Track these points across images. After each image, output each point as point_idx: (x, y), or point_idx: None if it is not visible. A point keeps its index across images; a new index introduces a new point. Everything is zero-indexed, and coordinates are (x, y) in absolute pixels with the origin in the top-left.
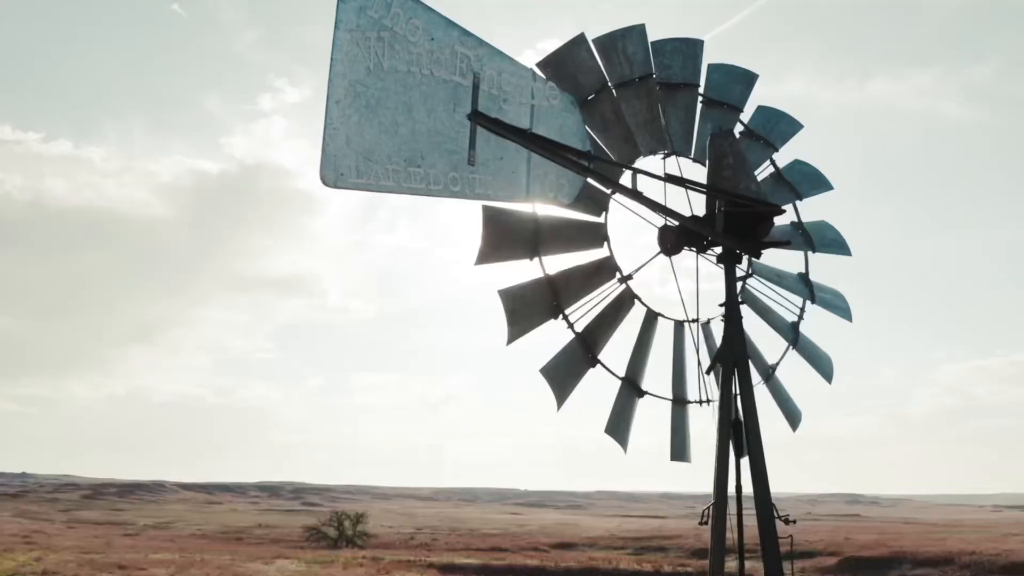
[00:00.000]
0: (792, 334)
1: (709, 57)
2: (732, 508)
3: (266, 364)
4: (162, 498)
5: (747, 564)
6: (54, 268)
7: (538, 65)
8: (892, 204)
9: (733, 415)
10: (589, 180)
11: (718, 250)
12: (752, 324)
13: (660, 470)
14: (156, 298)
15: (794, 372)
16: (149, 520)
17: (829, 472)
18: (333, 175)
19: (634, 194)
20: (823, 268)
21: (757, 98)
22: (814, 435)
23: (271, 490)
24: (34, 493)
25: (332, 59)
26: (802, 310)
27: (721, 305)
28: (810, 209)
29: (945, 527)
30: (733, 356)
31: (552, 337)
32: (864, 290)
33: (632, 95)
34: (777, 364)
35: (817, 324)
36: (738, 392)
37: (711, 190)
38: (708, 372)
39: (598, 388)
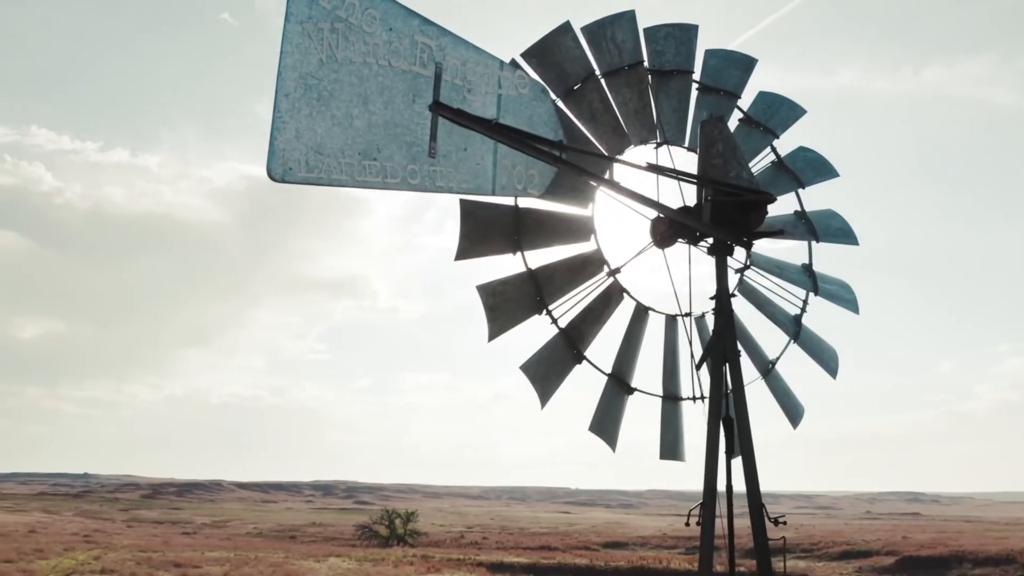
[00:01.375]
0: (794, 327)
1: (759, 50)
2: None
3: (318, 365)
4: (219, 497)
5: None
6: (113, 274)
7: (522, 55)
8: (951, 194)
9: (724, 411)
10: (580, 174)
11: (711, 241)
12: (752, 317)
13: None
14: (211, 301)
15: (851, 371)
16: (206, 519)
17: (888, 470)
18: (281, 169)
19: (611, 184)
20: (872, 262)
21: (810, 89)
22: (872, 433)
23: (325, 489)
24: (96, 493)
25: (282, 51)
26: (805, 302)
27: (712, 298)
28: (856, 200)
29: (1007, 526)
30: (723, 350)
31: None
32: (922, 282)
33: (622, 83)
34: (777, 359)
35: (871, 320)
36: (729, 388)
37: (695, 179)
38: (698, 367)
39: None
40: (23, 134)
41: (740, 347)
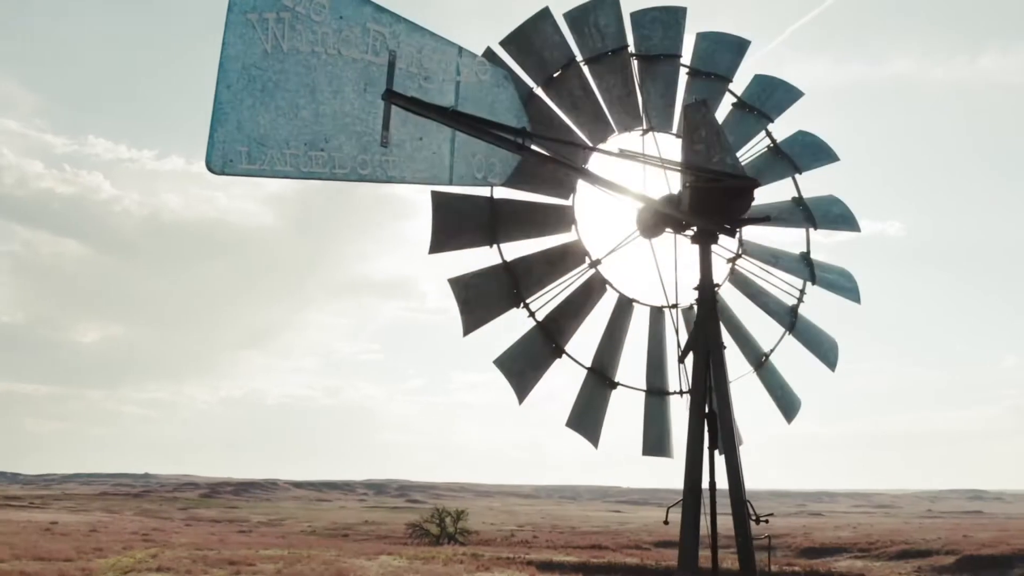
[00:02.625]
0: (790, 318)
1: (810, 40)
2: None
3: (370, 365)
4: (275, 496)
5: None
6: (171, 279)
7: (501, 43)
8: (1008, 185)
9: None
10: (546, 161)
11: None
12: (745, 308)
13: (769, 467)
14: (265, 304)
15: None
16: (262, 517)
17: (949, 467)
18: (220, 161)
19: (581, 172)
20: (923, 255)
21: (862, 79)
22: (932, 429)
23: (377, 488)
24: (155, 492)
25: (224, 42)
26: (802, 292)
27: (696, 288)
28: (911, 192)
29: None
30: (706, 342)
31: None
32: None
33: (605, 70)
34: (771, 351)
35: (925, 315)
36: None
37: (670, 165)
38: (681, 360)
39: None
40: (81, 144)
41: (732, 340)
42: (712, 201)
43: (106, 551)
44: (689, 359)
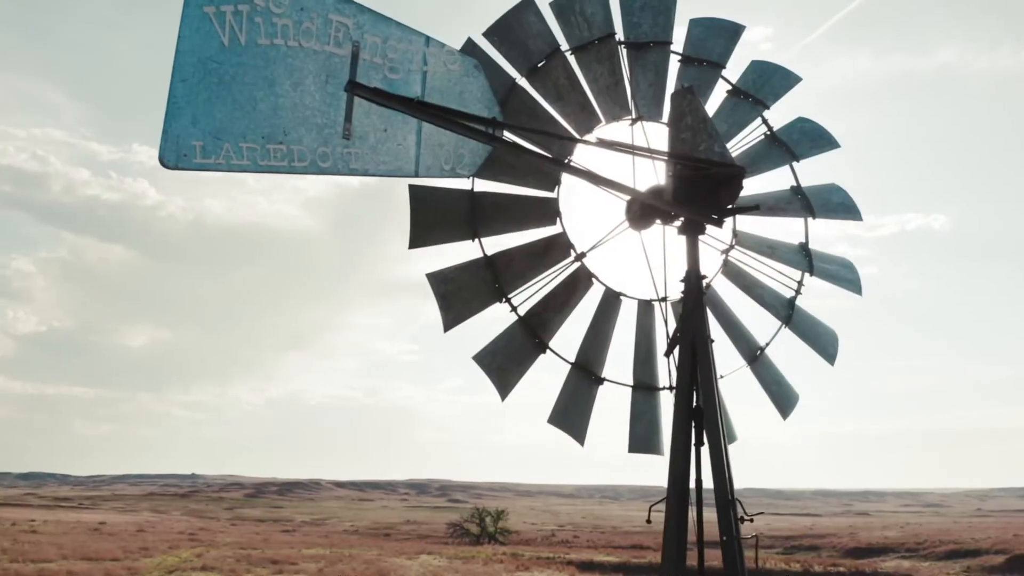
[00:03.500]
0: (786, 310)
1: (852, 32)
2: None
3: (410, 366)
4: (318, 496)
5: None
6: (215, 282)
7: (484, 34)
8: None
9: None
10: (519, 152)
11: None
12: (740, 301)
13: (814, 466)
14: (307, 306)
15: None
16: (306, 517)
17: (1000, 465)
18: (174, 156)
19: (556, 162)
20: (966, 248)
21: (906, 70)
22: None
23: (419, 487)
24: (202, 493)
25: (179, 36)
26: (799, 284)
27: (682, 280)
28: (956, 184)
29: None
30: (692, 335)
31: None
32: None
33: (592, 59)
34: (767, 344)
35: (971, 310)
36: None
37: (653, 154)
38: (667, 354)
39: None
40: (126, 151)
41: (725, 334)
42: (698, 190)
43: (152, 551)
44: (676, 353)
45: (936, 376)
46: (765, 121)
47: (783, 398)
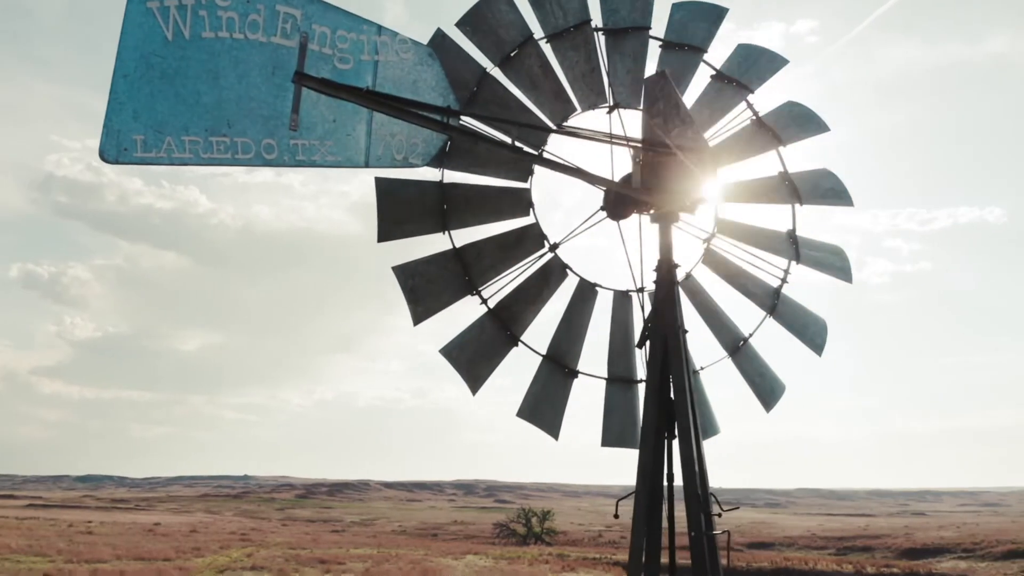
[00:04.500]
0: (771, 300)
1: (902, 21)
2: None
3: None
4: (367, 496)
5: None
6: (264, 287)
7: (456, 24)
8: None
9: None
10: (476, 140)
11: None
12: (724, 292)
13: (868, 465)
14: (354, 309)
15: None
16: (355, 517)
17: None
18: (115, 151)
19: (515, 150)
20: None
21: (957, 60)
22: None
23: (466, 488)
24: (254, 493)
25: (122, 31)
26: (786, 272)
27: (655, 270)
28: (1010, 175)
29: None
30: (663, 326)
31: None
32: None
33: (568, 46)
34: (751, 335)
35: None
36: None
37: (617, 141)
38: (639, 345)
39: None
40: None
41: (706, 324)
42: (671, 177)
43: (204, 551)
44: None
45: (993, 372)
46: (750, 106)
47: (767, 391)
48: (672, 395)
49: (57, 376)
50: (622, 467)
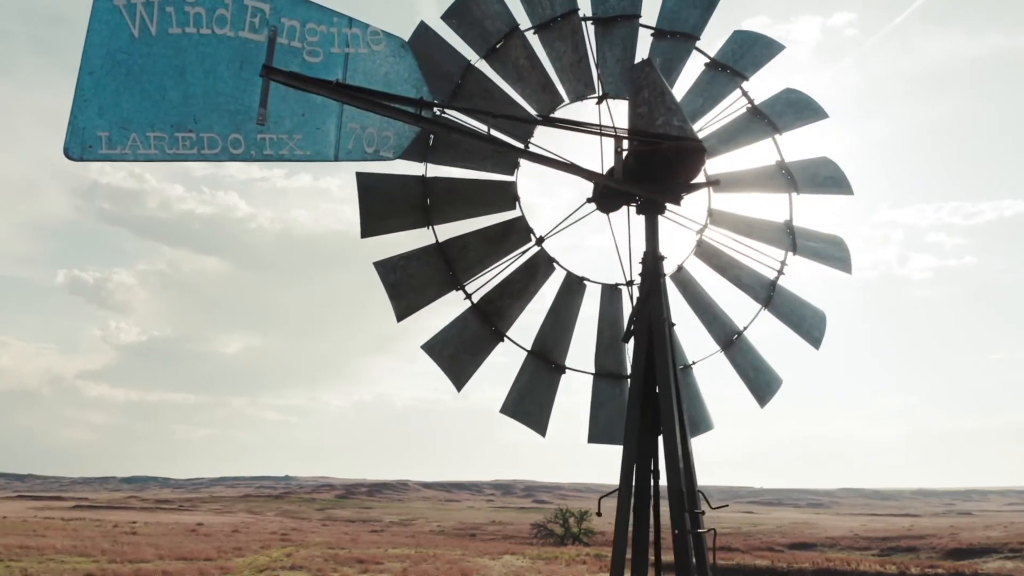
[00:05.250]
0: (766, 292)
1: (942, 13)
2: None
3: (494, 367)
4: (406, 496)
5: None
6: (303, 290)
7: (443, 17)
8: None
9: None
10: (450, 132)
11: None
12: (718, 285)
13: (913, 465)
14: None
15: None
16: (394, 517)
17: None
18: (79, 148)
19: (490, 141)
20: None
21: (1000, 51)
22: None
23: (504, 488)
24: (295, 494)
25: (88, 30)
26: (782, 263)
27: (640, 262)
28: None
29: None
30: (648, 320)
31: None
32: None
33: (555, 37)
34: (745, 328)
35: None
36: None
37: (598, 130)
38: (625, 340)
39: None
40: (217, 166)
41: (698, 317)
42: (655, 168)
43: (245, 551)
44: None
45: None
46: (745, 93)
47: (761, 385)
48: (657, 389)
49: (103, 379)
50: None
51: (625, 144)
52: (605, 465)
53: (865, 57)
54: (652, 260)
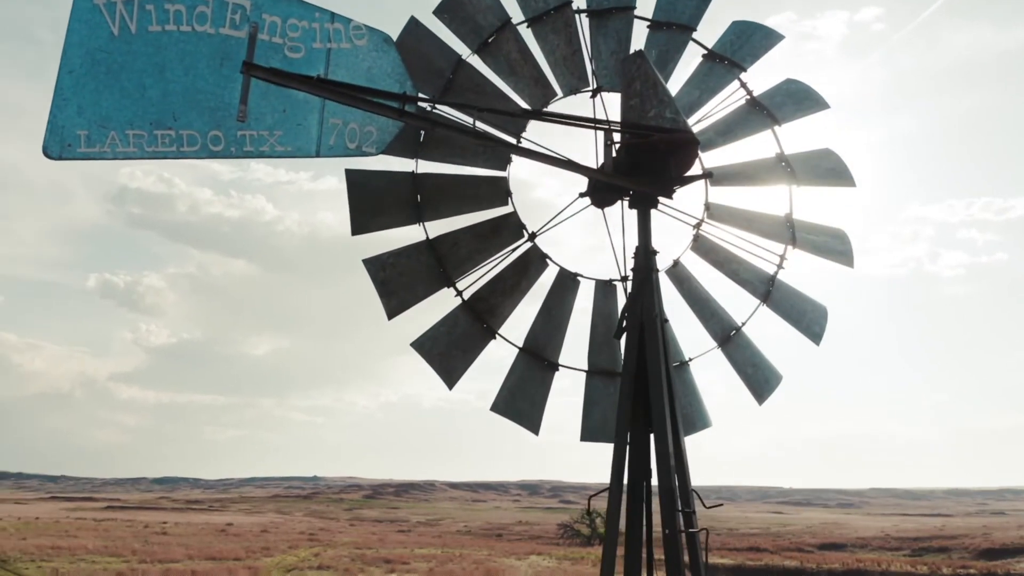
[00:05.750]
0: (765, 287)
1: (971, 6)
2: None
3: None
4: (433, 496)
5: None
6: (330, 292)
7: (434, 12)
8: None
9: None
10: (434, 127)
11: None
12: (715, 280)
13: (943, 464)
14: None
15: None
16: (421, 517)
17: None
18: (58, 147)
19: (476, 135)
20: None
21: None
22: None
23: (531, 488)
24: (323, 494)
25: (68, 29)
26: (782, 257)
27: (633, 257)
28: None
29: None
30: (639, 315)
31: None
32: None
33: (548, 30)
34: (743, 324)
35: None
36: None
37: (587, 123)
38: (617, 336)
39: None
40: (244, 170)
41: (694, 313)
42: (646, 161)
43: (273, 551)
44: None
45: None
46: (743, 84)
47: (760, 382)
48: (649, 387)
49: (134, 381)
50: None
51: (617, 137)
52: None
53: (892, 52)
54: (644, 255)
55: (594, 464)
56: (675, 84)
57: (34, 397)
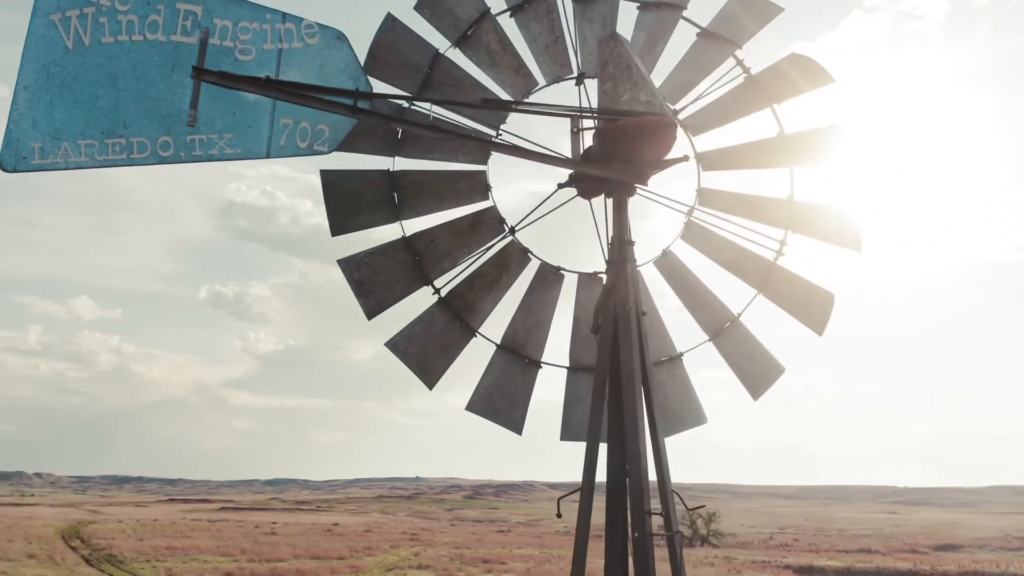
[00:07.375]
0: (764, 275)
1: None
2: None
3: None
4: (532, 496)
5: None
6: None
7: (415, 8)
8: None
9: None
10: (388, 122)
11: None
12: (708, 269)
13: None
14: (512, 311)
15: None
16: (521, 517)
17: None
18: (13, 160)
19: (434, 130)
20: None
21: None
22: None
23: None
24: (425, 495)
25: (25, 46)
26: (782, 243)
27: (609, 247)
28: None
29: None
30: (613, 309)
31: None
32: None
33: (530, 18)
34: (739, 315)
35: None
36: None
37: (552, 111)
38: (593, 331)
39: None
40: None
41: (684, 305)
42: (620, 147)
43: (375, 550)
44: None
45: None
46: (740, 62)
47: (756, 375)
48: (621, 384)
49: (244, 387)
50: (794, 468)
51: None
52: (733, 466)
53: (999, 27)
54: (619, 246)
55: (696, 466)
56: (669, 64)
57: (153, 404)
